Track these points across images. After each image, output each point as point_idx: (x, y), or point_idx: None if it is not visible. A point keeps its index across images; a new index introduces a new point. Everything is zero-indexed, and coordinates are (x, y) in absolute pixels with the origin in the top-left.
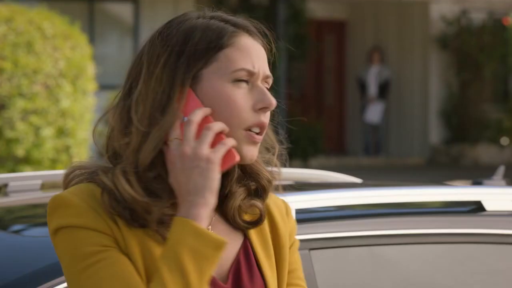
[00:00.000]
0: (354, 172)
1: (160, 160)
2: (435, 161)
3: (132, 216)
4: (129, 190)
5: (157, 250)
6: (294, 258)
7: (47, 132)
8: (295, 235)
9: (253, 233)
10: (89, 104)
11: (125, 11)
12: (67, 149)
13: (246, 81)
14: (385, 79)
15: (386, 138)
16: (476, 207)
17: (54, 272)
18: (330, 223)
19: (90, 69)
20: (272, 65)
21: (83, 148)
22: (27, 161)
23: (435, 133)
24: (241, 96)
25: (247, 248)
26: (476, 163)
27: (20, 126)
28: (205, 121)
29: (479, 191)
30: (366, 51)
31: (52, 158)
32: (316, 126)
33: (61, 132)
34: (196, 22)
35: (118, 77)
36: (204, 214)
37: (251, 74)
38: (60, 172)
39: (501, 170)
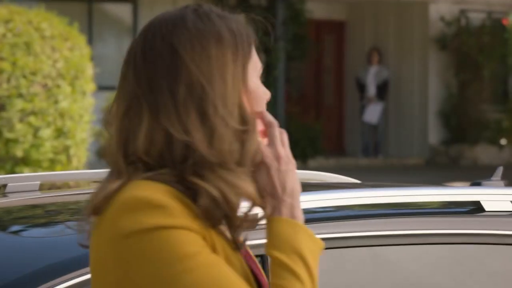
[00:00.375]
0: (353, 172)
1: None
2: (434, 161)
3: (227, 220)
4: (253, 192)
5: (232, 255)
6: None
7: (46, 133)
8: None
9: None
10: (87, 104)
11: (123, 12)
12: (65, 150)
13: None
14: (384, 79)
15: (385, 139)
16: (475, 208)
17: (54, 272)
18: (329, 224)
19: (89, 69)
20: (271, 65)
21: (82, 149)
22: (25, 161)
23: (434, 134)
24: (264, 90)
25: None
26: (475, 163)
27: (19, 126)
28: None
29: (478, 192)
30: (365, 52)
31: (51, 159)
32: (315, 126)
33: (60, 133)
34: (225, 17)
35: (116, 78)
36: (302, 216)
37: None
38: (59, 173)
39: (500, 170)
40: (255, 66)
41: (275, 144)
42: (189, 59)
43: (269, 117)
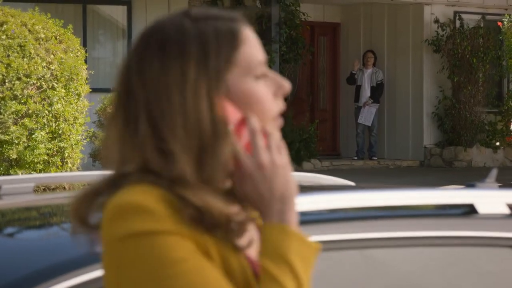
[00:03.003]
0: (348, 174)
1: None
2: (429, 163)
3: (214, 228)
4: (223, 208)
5: (232, 259)
6: None
7: (40, 135)
8: None
9: None
10: (82, 106)
11: (118, 14)
12: (60, 151)
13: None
14: (379, 81)
15: (380, 141)
16: (469, 210)
17: (48, 274)
18: (323, 226)
19: (83, 71)
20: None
21: (76, 151)
22: (20, 164)
23: (429, 136)
24: (265, 89)
25: None
26: (469, 165)
27: (13, 128)
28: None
29: (472, 194)
30: (360, 54)
31: (45, 161)
32: (309, 128)
33: (54, 135)
34: (199, 25)
35: (111, 80)
36: (295, 220)
37: (262, 63)
38: (53, 174)
39: (494, 172)
40: (243, 69)
41: (257, 152)
42: (149, 76)
43: (252, 124)
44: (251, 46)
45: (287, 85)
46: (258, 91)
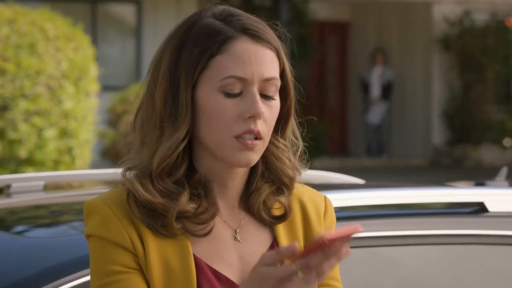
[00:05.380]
0: (357, 173)
1: (182, 164)
2: (438, 162)
3: (155, 218)
4: (145, 194)
5: (174, 260)
6: None
7: (50, 133)
8: None
9: (282, 234)
10: (91, 105)
11: (127, 13)
12: (69, 150)
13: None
14: (388, 80)
15: (389, 139)
16: (479, 208)
17: (58, 272)
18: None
19: (93, 70)
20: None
21: (86, 149)
22: (29, 162)
23: (438, 135)
24: (230, 105)
25: None
26: (478, 164)
27: (23, 127)
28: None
29: (482, 192)
30: (369, 52)
31: (55, 159)
32: (318, 127)
33: (63, 133)
34: (197, 22)
35: (120, 78)
36: None
37: (242, 80)
38: (63, 173)
39: (504, 171)
40: (211, 77)
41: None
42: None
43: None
44: (230, 59)
45: (255, 110)
46: (218, 104)
